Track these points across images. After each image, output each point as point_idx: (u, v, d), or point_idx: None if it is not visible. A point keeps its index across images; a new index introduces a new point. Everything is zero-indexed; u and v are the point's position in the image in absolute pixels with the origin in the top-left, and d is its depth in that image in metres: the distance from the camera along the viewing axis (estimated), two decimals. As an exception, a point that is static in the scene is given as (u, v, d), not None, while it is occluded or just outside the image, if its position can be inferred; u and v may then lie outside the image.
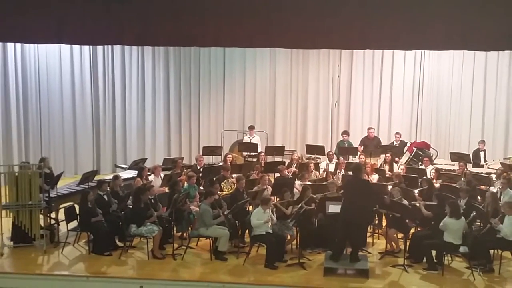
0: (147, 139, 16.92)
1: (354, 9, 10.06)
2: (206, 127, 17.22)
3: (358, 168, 9.68)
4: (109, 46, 16.01)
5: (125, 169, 13.62)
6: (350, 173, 11.01)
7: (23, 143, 14.92)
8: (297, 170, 12.96)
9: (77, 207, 10.22)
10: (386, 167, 13.20)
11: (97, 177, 11.67)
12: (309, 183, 11.48)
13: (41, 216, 10.17)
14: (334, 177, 12.11)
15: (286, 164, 13.22)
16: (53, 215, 10.62)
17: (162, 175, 11.98)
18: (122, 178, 11.40)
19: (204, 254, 9.91)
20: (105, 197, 10.38)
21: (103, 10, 10.29)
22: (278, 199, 10.75)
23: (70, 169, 15.74)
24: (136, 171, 12.03)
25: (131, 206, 10.10)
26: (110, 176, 11.79)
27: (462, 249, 9.27)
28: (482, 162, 14.08)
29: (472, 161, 13.77)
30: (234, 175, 11.99)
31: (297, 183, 11.74)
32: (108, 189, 10.56)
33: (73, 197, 10.76)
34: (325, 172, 12.62)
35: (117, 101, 16.62)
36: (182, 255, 9.76)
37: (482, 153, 14.20)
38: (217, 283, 8.81)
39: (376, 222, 10.90)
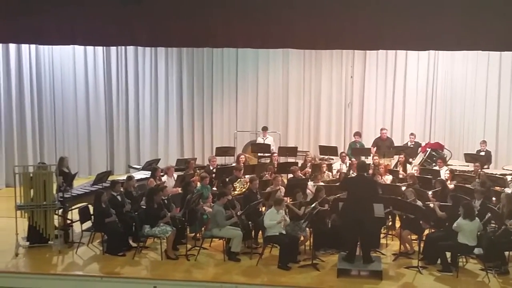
0: (160, 140, 16.98)
1: (367, 10, 10.02)
2: (219, 128, 17.23)
3: (362, 166, 9.74)
4: (123, 47, 16.09)
5: (138, 169, 13.66)
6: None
7: (37, 144, 15.03)
8: (310, 170, 12.95)
9: (91, 208, 10.30)
10: (400, 168, 13.14)
11: (111, 178, 11.71)
12: (322, 184, 11.46)
13: (56, 217, 10.23)
14: (347, 178, 12.06)
15: (299, 165, 13.19)
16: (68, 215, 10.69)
17: (175, 175, 12.02)
18: (135, 178, 11.46)
19: (217, 254, 9.92)
20: (119, 197, 10.42)
21: (117, 11, 10.32)
22: (291, 200, 10.74)
23: (84, 170, 15.83)
24: (150, 172, 12.09)
25: (144, 207, 10.14)
26: (124, 177, 11.85)
27: (476, 250, 9.21)
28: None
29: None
30: (247, 176, 12.00)
31: (310, 184, 11.72)
32: (122, 190, 10.60)
33: (87, 197, 10.81)
34: (339, 173, 12.59)
35: (130, 102, 16.71)
36: (195, 255, 9.77)
37: (483, 154, 13.99)
38: (230, 284, 8.81)
39: (390, 223, 10.86)
